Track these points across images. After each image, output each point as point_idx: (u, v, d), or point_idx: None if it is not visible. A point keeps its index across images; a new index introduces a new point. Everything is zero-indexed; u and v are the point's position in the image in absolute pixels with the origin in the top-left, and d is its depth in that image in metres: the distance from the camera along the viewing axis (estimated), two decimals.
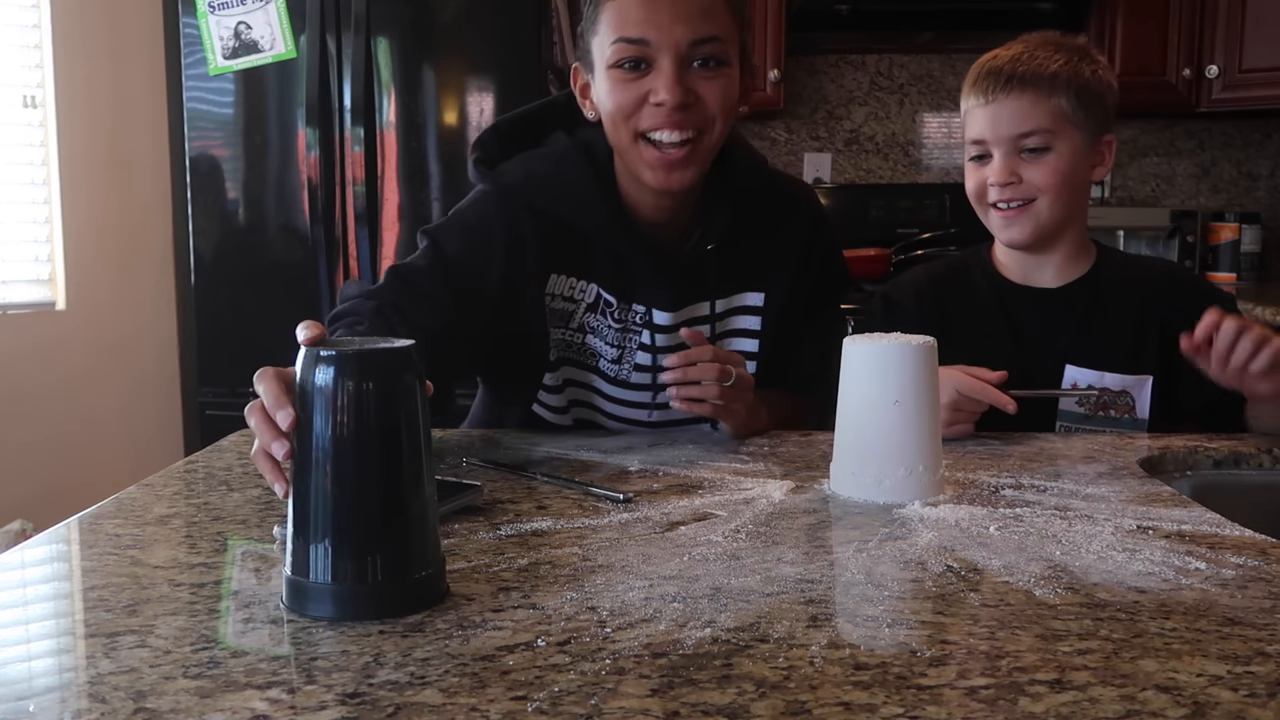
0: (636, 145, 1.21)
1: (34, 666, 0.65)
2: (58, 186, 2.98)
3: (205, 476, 1.09)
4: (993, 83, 1.37)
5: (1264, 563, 0.82)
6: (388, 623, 0.69)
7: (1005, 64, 1.38)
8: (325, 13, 2.83)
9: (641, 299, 1.32)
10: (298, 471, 0.71)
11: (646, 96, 1.18)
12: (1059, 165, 1.36)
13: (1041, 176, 1.37)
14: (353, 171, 2.86)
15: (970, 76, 1.42)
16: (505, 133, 1.34)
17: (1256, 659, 0.64)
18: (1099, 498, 1.01)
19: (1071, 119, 1.36)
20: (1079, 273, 1.45)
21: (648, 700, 0.58)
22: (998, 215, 1.40)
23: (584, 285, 1.32)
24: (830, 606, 0.73)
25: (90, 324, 3.06)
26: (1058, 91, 1.36)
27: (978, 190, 1.42)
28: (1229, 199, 3.56)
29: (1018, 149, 1.37)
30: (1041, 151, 1.36)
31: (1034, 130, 1.36)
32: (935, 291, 1.50)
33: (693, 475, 1.09)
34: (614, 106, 1.20)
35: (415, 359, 0.73)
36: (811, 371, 1.39)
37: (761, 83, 3.17)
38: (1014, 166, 1.37)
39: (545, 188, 1.28)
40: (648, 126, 1.19)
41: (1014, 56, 1.38)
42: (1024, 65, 1.36)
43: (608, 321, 1.33)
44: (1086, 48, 1.42)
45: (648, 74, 1.18)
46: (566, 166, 1.28)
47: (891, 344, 1.00)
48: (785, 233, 1.37)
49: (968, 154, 1.43)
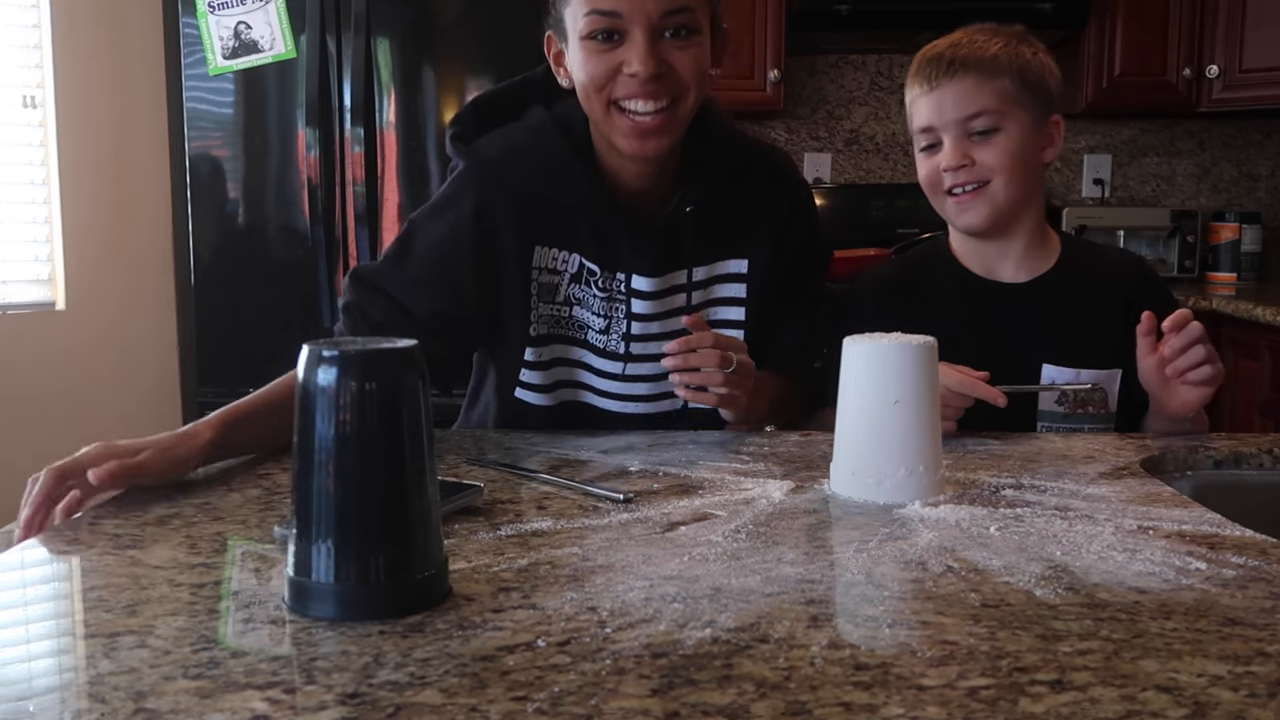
0: (610, 114, 1.23)
1: (34, 667, 0.65)
2: (58, 186, 2.98)
3: (205, 476, 1.09)
4: (934, 69, 1.38)
5: (1264, 563, 0.82)
6: (388, 623, 0.69)
7: (945, 50, 1.38)
8: (325, 13, 2.83)
9: (624, 266, 1.32)
10: (300, 472, 0.71)
11: (620, 67, 1.20)
12: (1009, 145, 1.37)
13: (993, 157, 1.37)
14: (353, 171, 2.86)
15: (912, 68, 1.42)
16: (484, 109, 1.35)
17: (1257, 659, 0.64)
18: (1099, 498, 1.01)
19: (1017, 100, 1.36)
20: (1044, 266, 1.45)
21: (648, 700, 0.58)
22: (953, 201, 1.40)
23: (566, 255, 1.32)
24: (830, 607, 0.73)
25: (90, 324, 3.06)
26: (1000, 73, 1.36)
27: (931, 178, 1.41)
28: (1229, 199, 3.56)
29: (967, 132, 1.37)
30: (991, 133, 1.36)
31: (981, 111, 1.36)
32: (898, 289, 1.50)
33: (693, 475, 1.09)
34: (587, 78, 1.22)
35: (418, 359, 0.73)
36: (795, 347, 1.40)
37: (761, 82, 3.17)
38: (965, 149, 1.37)
39: (521, 160, 1.29)
40: (622, 96, 1.21)
41: (953, 43, 1.39)
42: (964, 50, 1.37)
43: (593, 291, 1.33)
44: (1024, 33, 1.43)
45: (620, 44, 1.20)
46: (542, 139, 1.29)
47: (891, 344, 1.00)
48: (766, 201, 1.37)
49: (917, 145, 1.43)
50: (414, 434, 0.71)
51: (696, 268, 1.34)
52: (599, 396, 1.37)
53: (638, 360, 1.35)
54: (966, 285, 1.46)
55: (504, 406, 1.39)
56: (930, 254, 1.52)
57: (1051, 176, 3.56)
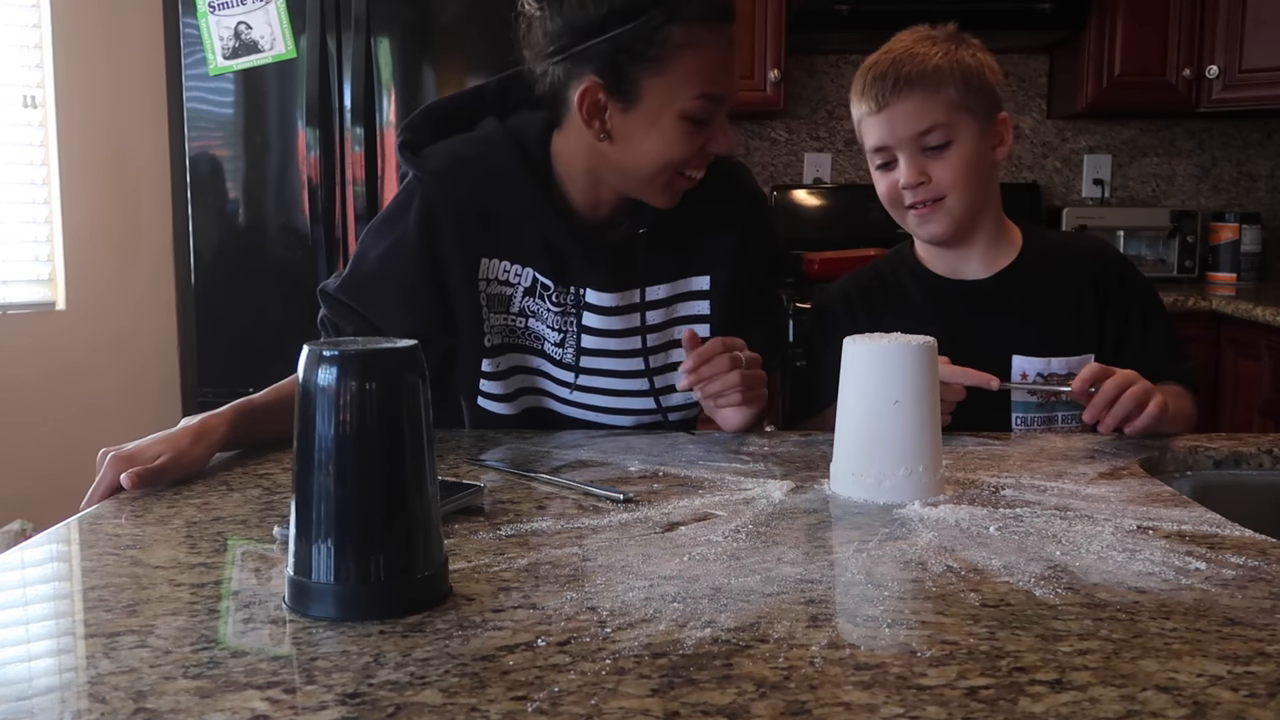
0: (672, 181, 1.24)
1: (34, 666, 0.65)
2: (58, 186, 2.98)
3: (205, 476, 1.09)
4: (880, 88, 1.38)
5: (1264, 563, 0.82)
6: (388, 623, 0.69)
7: (888, 68, 1.39)
8: (325, 13, 2.83)
9: (577, 280, 1.31)
10: (300, 471, 0.71)
11: (705, 145, 1.21)
12: (962, 158, 1.38)
13: (948, 172, 1.38)
14: (353, 171, 2.86)
15: (856, 86, 1.43)
16: (436, 116, 1.33)
17: (1257, 659, 0.64)
18: (1099, 498, 1.01)
19: (963, 106, 1.38)
20: (1006, 259, 1.47)
21: (648, 700, 0.58)
22: (914, 215, 1.42)
23: (519, 269, 1.32)
24: (830, 606, 0.73)
25: (90, 324, 3.06)
26: (944, 84, 1.37)
27: (890, 195, 1.43)
28: (1229, 199, 3.56)
29: (920, 147, 1.38)
30: (944, 147, 1.38)
31: (932, 126, 1.37)
32: (865, 297, 1.52)
33: (693, 475, 1.09)
34: (675, 157, 1.20)
35: (418, 359, 0.73)
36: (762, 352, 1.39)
37: (761, 83, 3.17)
38: (921, 165, 1.39)
39: (469, 173, 1.27)
40: (690, 169, 1.24)
41: (894, 59, 1.39)
42: (906, 65, 1.38)
43: (546, 305, 1.33)
44: (958, 33, 1.44)
45: (709, 125, 1.20)
46: (493, 151, 1.27)
47: (891, 344, 1.00)
48: (727, 218, 1.36)
49: (872, 163, 1.44)
50: (414, 434, 0.71)
51: (658, 285, 1.34)
52: (560, 403, 1.37)
53: (589, 373, 1.35)
54: (932, 287, 1.48)
55: (469, 414, 1.39)
56: (895, 261, 1.55)
57: (1051, 177, 3.56)
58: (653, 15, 1.13)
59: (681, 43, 1.14)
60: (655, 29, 1.13)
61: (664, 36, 1.14)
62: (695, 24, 1.14)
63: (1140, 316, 1.46)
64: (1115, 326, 1.44)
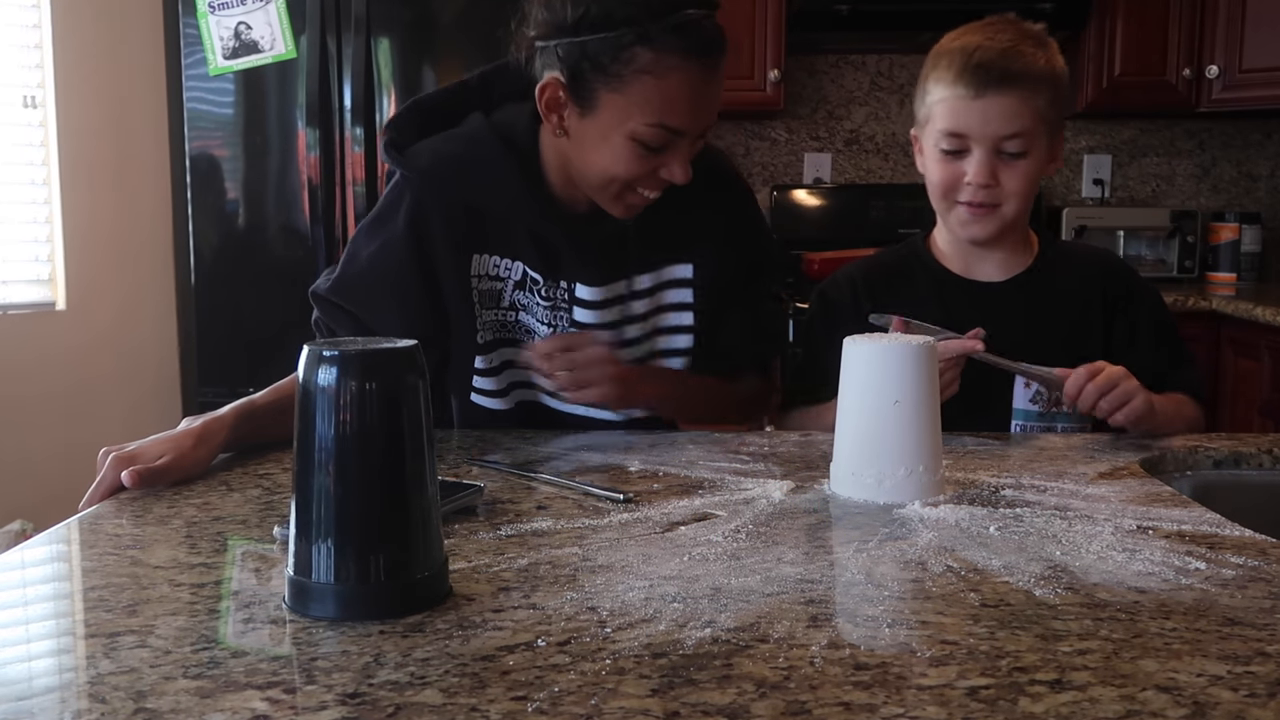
0: (622, 194, 1.23)
1: (34, 667, 0.65)
2: (58, 186, 2.98)
3: (205, 476, 1.09)
4: (983, 77, 1.33)
5: (1264, 563, 0.82)
6: (388, 623, 0.69)
7: (996, 57, 1.33)
8: (325, 13, 2.83)
9: (567, 275, 1.31)
10: (300, 472, 0.71)
11: (657, 170, 1.20)
12: (1031, 170, 1.36)
13: (1016, 181, 1.36)
14: (353, 171, 2.86)
15: (950, 61, 1.36)
16: (422, 113, 1.32)
17: (1256, 659, 0.64)
18: (1099, 498, 1.01)
19: (1045, 119, 1.35)
20: (1021, 265, 1.46)
21: (648, 700, 0.58)
22: (965, 211, 1.39)
23: (509, 263, 1.32)
24: (830, 606, 0.73)
25: (90, 324, 3.06)
26: (1040, 91, 1.34)
27: (948, 184, 1.38)
28: (1229, 199, 3.56)
29: (998, 149, 1.35)
30: (1018, 156, 1.35)
31: (1018, 133, 1.34)
32: (870, 286, 1.49)
33: (693, 475, 1.09)
34: (619, 174, 1.20)
35: (418, 359, 0.73)
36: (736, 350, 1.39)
37: (761, 83, 3.17)
38: (994, 168, 1.35)
39: (457, 169, 1.27)
40: (643, 187, 1.23)
41: (1003, 51, 1.33)
42: (1015, 62, 1.33)
43: (536, 299, 1.33)
44: (1046, 36, 1.40)
45: (664, 152, 1.19)
46: (479, 148, 1.27)
47: (891, 344, 1.00)
48: (709, 205, 1.35)
49: (937, 144, 1.38)
50: (414, 434, 0.71)
51: (643, 275, 1.34)
52: (553, 398, 1.37)
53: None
54: (944, 284, 1.46)
55: (463, 412, 1.39)
56: (906, 252, 1.52)
57: (1051, 176, 3.56)
58: (624, 33, 1.12)
59: (645, 68, 1.13)
60: (623, 47, 1.12)
61: (629, 56, 1.13)
62: (664, 53, 1.12)
63: (1148, 327, 1.45)
64: (1121, 337, 1.43)
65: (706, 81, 1.16)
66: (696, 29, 1.13)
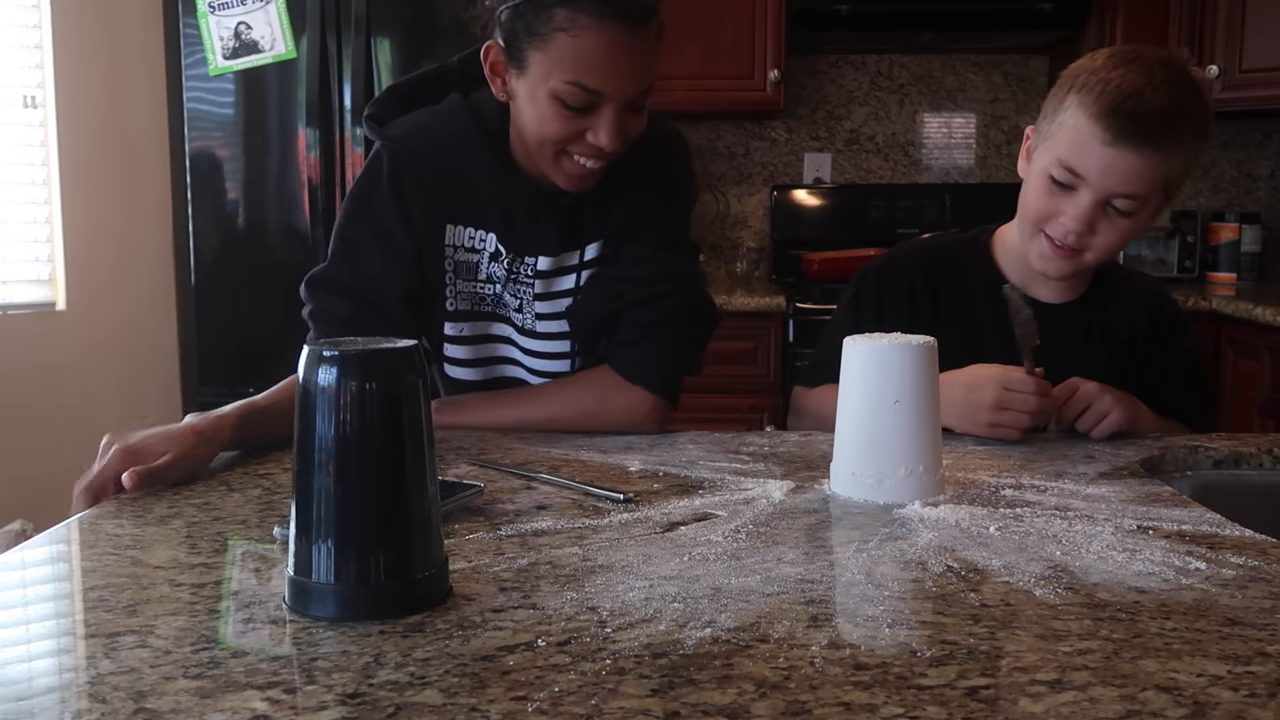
0: (559, 158, 1.25)
1: (34, 667, 0.65)
2: (58, 186, 2.98)
3: (205, 476, 1.09)
4: (1131, 129, 1.23)
5: (1264, 563, 0.82)
6: (388, 623, 0.69)
7: (1151, 114, 1.23)
8: (325, 13, 2.83)
9: (529, 250, 1.34)
10: (300, 472, 0.71)
11: (584, 133, 1.22)
12: (1131, 230, 1.30)
13: (1111, 238, 1.30)
14: (353, 171, 2.86)
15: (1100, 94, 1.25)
16: (401, 94, 1.36)
17: (1256, 659, 0.64)
18: (1099, 498, 1.01)
19: (1170, 181, 1.29)
20: (1079, 289, 1.43)
21: (648, 700, 0.58)
22: (1048, 246, 1.32)
23: (483, 235, 1.35)
24: (830, 606, 0.73)
25: (90, 324, 3.06)
26: (1182, 154, 1.27)
27: (1042, 216, 1.31)
28: (1229, 199, 3.56)
29: (1107, 201, 1.27)
30: (1125, 214, 1.28)
31: (1136, 194, 1.26)
32: (929, 278, 1.44)
33: (693, 475, 1.09)
34: (549, 134, 1.23)
35: (418, 359, 0.73)
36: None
37: (761, 82, 3.17)
38: (1095, 218, 1.28)
39: (428, 139, 1.31)
40: (577, 153, 1.24)
41: (1163, 109, 1.23)
42: (1168, 127, 1.24)
43: (517, 274, 1.36)
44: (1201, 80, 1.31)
45: (589, 113, 1.21)
46: (449, 119, 1.31)
47: (891, 344, 1.00)
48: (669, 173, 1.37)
49: (1049, 169, 1.29)
50: (414, 434, 0.71)
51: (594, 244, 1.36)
52: (529, 373, 1.40)
53: (546, 338, 1.38)
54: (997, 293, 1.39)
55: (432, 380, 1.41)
56: (968, 250, 1.46)
57: None
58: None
59: (561, 25, 1.18)
60: (544, 6, 1.18)
61: (549, 15, 1.18)
62: (579, 12, 1.17)
63: (1182, 370, 1.45)
64: (1156, 372, 1.42)
65: (626, 45, 1.18)
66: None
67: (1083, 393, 1.28)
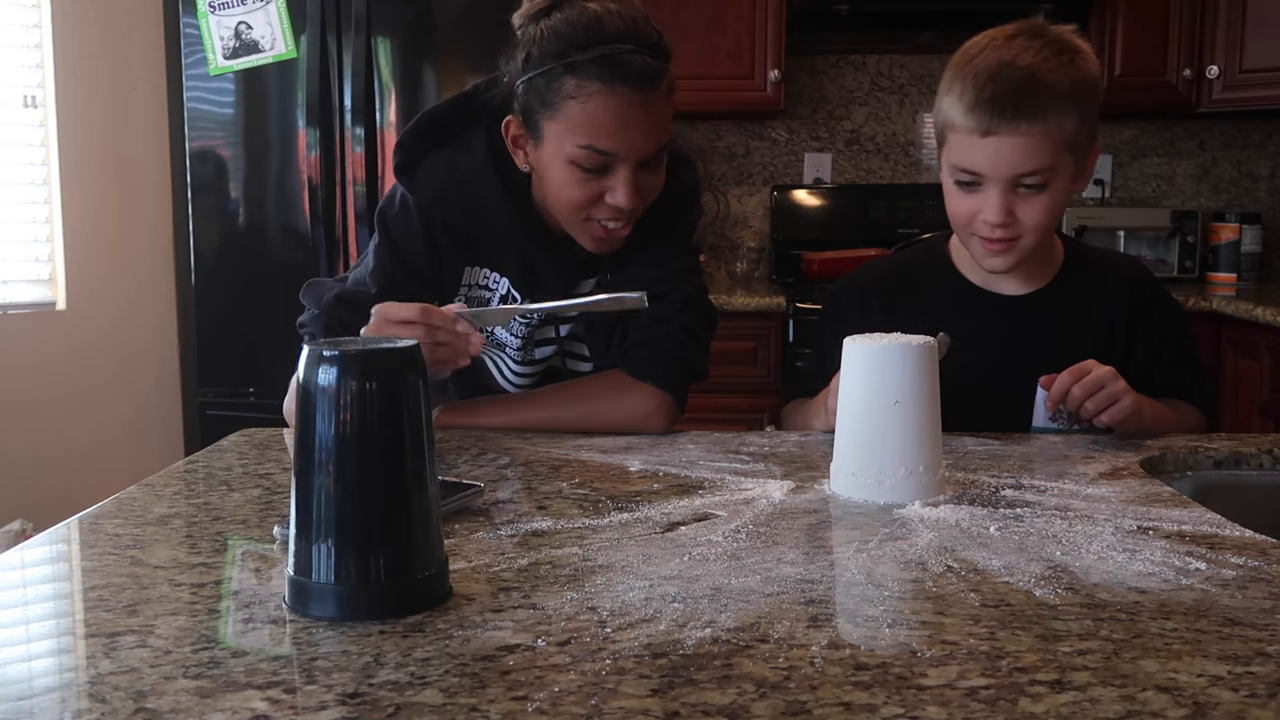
0: (584, 223, 1.28)
1: (34, 667, 0.65)
2: (58, 186, 2.98)
3: (205, 476, 1.09)
4: (993, 113, 1.23)
5: (1264, 563, 0.82)
6: (388, 623, 0.69)
7: (1012, 90, 1.23)
8: (325, 13, 2.83)
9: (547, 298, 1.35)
10: (300, 472, 0.71)
11: (603, 195, 1.24)
12: (1053, 202, 1.28)
13: (1035, 215, 1.28)
14: (353, 171, 2.86)
15: (964, 87, 1.26)
16: (427, 130, 1.37)
17: (1257, 659, 0.64)
18: (1099, 498, 1.01)
19: (1070, 144, 1.26)
20: (1045, 277, 1.41)
21: (648, 700, 0.58)
22: (981, 245, 1.33)
23: (497, 277, 1.38)
24: (830, 607, 0.73)
25: (90, 324, 3.06)
26: (1065, 117, 1.24)
27: (964, 218, 1.32)
28: (1229, 199, 3.56)
29: (1015, 185, 1.27)
30: (1039, 189, 1.27)
31: (1036, 170, 1.25)
32: (883, 291, 1.44)
33: (693, 475, 1.09)
34: (569, 199, 1.26)
35: (418, 359, 0.73)
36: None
37: (761, 83, 3.18)
38: (1010, 204, 1.27)
39: (457, 201, 1.33)
40: (599, 216, 1.27)
41: (1019, 83, 1.23)
42: (1030, 94, 1.23)
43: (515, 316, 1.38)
44: (1075, 40, 1.29)
45: (605, 175, 1.23)
46: (479, 181, 1.33)
47: (891, 344, 1.00)
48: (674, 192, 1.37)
49: (952, 176, 1.31)
50: (414, 434, 0.71)
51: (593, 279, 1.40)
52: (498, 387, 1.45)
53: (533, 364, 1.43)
54: (964, 295, 1.41)
55: None
56: (927, 258, 1.46)
57: None
58: (555, 67, 1.22)
59: (570, 93, 1.21)
60: (554, 78, 1.22)
61: (559, 85, 1.22)
62: (587, 80, 1.20)
63: (1172, 344, 1.43)
64: (1144, 351, 1.40)
65: (636, 106, 1.21)
66: (621, 60, 1.20)
67: (1097, 374, 1.24)
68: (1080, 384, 1.25)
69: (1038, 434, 1.35)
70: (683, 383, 1.35)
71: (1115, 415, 1.25)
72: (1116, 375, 1.26)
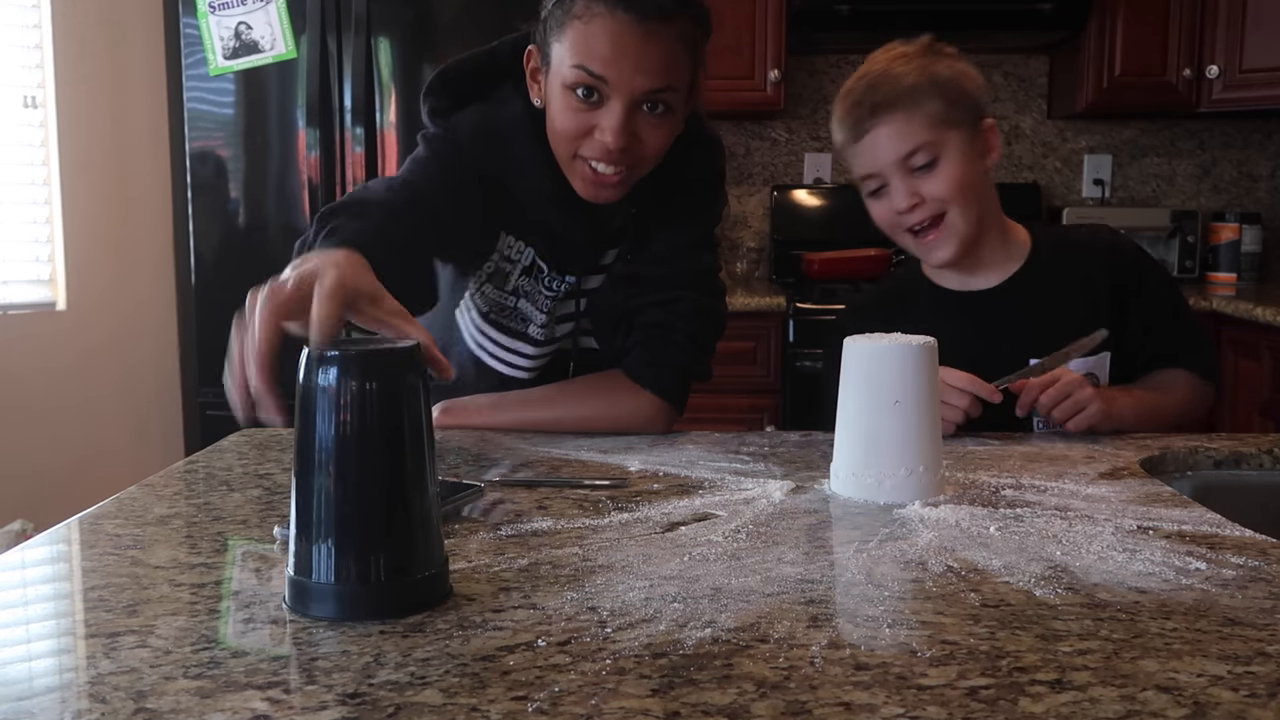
0: (574, 161, 1.25)
1: (34, 667, 0.65)
2: (58, 186, 2.98)
3: (205, 476, 1.09)
4: (857, 116, 1.36)
5: (1264, 563, 0.82)
6: (388, 623, 0.69)
7: (862, 94, 1.37)
8: (325, 13, 2.83)
9: (575, 269, 1.35)
10: (300, 472, 0.71)
11: (593, 129, 1.21)
12: (952, 172, 1.36)
13: (941, 188, 1.36)
14: (353, 171, 2.86)
15: (836, 112, 1.40)
16: (455, 79, 1.34)
17: (1257, 659, 0.64)
18: (1099, 498, 1.01)
19: (946, 121, 1.35)
20: (1016, 264, 1.45)
21: (648, 700, 0.58)
22: (917, 241, 1.40)
23: (522, 246, 1.35)
24: (830, 606, 0.73)
25: (90, 324, 3.06)
26: (922, 101, 1.35)
27: (889, 221, 1.40)
28: (1229, 199, 3.56)
29: (909, 169, 1.36)
30: (932, 165, 1.35)
31: (916, 147, 1.34)
32: (882, 312, 1.50)
33: (693, 475, 1.09)
34: (561, 128, 1.23)
35: (419, 359, 0.73)
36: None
37: (761, 83, 3.17)
38: (913, 187, 1.36)
39: (494, 152, 1.30)
40: (588, 154, 1.23)
41: (868, 84, 1.37)
42: (881, 89, 1.36)
43: (539, 287, 1.36)
44: (933, 44, 1.41)
45: (599, 107, 1.20)
46: (514, 134, 1.30)
47: (891, 344, 1.00)
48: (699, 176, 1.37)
49: (864, 190, 1.41)
50: (414, 434, 0.71)
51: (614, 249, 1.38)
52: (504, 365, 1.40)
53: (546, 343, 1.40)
54: (944, 302, 1.46)
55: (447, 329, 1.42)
56: (908, 277, 1.53)
57: (1051, 177, 3.56)
58: None
59: (576, 14, 1.19)
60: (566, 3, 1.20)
61: (570, 6, 1.20)
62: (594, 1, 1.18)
63: (1162, 312, 1.44)
64: (1136, 325, 1.41)
65: (637, 36, 1.17)
66: None
67: (1064, 381, 1.28)
68: (1046, 393, 1.28)
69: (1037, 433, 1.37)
70: (683, 389, 1.35)
71: (1082, 422, 1.28)
72: (1084, 383, 1.28)
